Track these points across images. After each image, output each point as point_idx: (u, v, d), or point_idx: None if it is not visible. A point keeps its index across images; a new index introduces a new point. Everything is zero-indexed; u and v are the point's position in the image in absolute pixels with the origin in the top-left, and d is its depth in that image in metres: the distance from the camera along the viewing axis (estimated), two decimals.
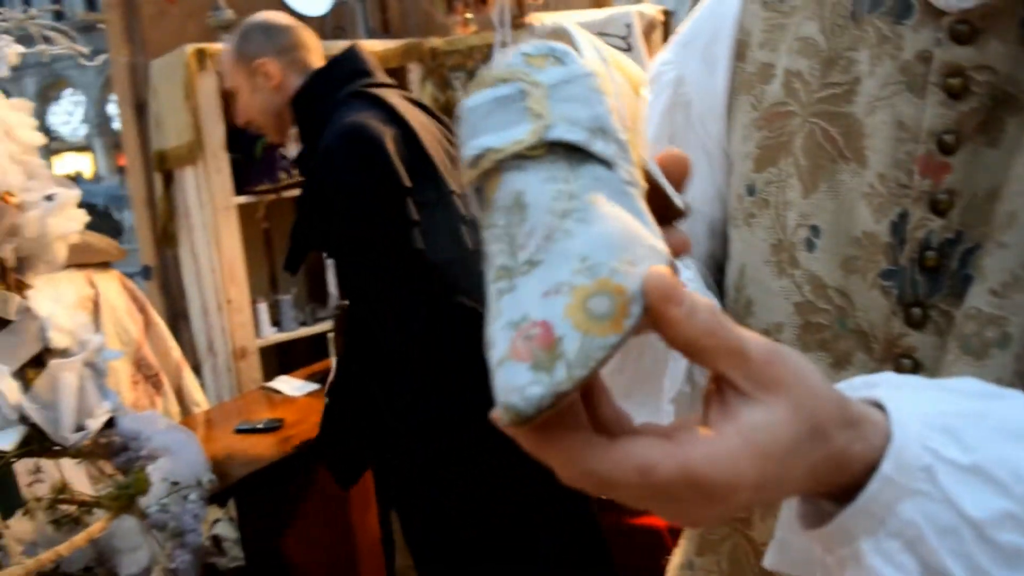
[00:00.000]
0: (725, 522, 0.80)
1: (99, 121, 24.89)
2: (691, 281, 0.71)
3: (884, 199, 0.64)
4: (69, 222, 1.31)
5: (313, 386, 2.77)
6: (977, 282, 0.60)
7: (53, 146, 23.88)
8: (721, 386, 0.41)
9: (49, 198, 1.28)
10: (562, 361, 0.36)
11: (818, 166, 0.68)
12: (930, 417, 0.43)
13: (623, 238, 0.40)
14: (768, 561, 0.53)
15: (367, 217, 1.76)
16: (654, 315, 0.38)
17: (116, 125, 23.36)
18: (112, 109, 23.99)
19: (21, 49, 1.29)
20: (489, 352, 0.39)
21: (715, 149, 0.79)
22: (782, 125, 0.71)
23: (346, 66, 1.97)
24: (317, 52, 2.08)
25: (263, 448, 2.23)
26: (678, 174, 0.52)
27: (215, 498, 1.84)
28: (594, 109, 0.44)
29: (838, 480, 0.43)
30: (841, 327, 0.67)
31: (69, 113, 26.05)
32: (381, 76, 1.99)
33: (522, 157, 0.43)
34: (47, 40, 1.35)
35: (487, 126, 0.44)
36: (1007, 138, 0.60)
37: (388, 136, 1.78)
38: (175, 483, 1.64)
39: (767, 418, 0.40)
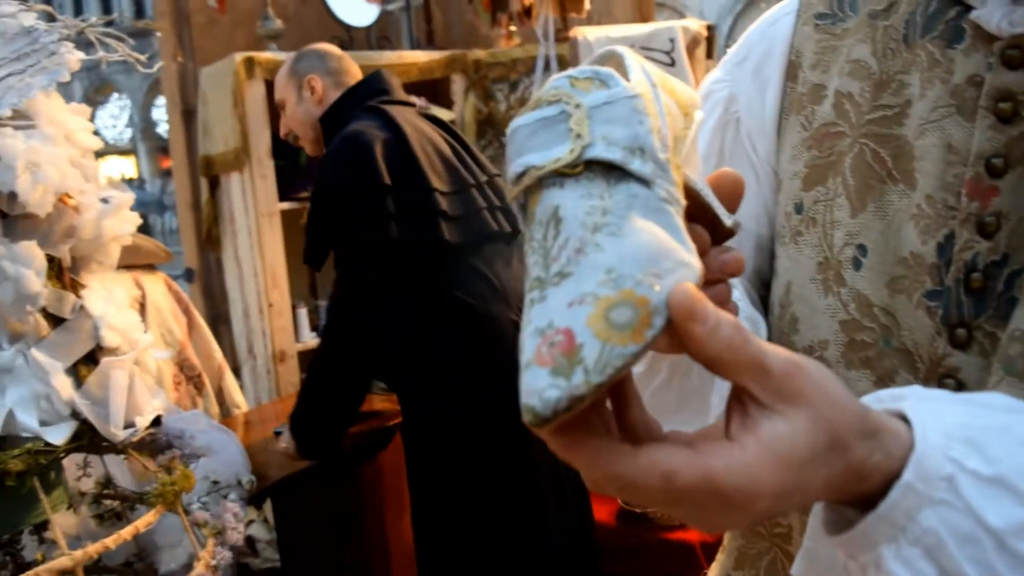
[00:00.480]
0: (749, 529, 0.81)
1: (144, 125, 25.25)
2: (738, 300, 0.72)
3: (931, 220, 0.64)
4: (123, 224, 1.34)
5: None
6: (1022, 304, 0.60)
7: (98, 149, 24.20)
8: (743, 398, 0.42)
9: (105, 200, 1.31)
10: (580, 367, 0.38)
11: (867, 186, 0.69)
12: (953, 428, 0.44)
13: (652, 252, 0.41)
14: (796, 569, 0.54)
15: (350, 210, 1.89)
16: (678, 330, 0.40)
17: (160, 129, 23.68)
18: (157, 114, 24.34)
19: (82, 55, 1.32)
20: (519, 357, 0.40)
21: (763, 167, 0.79)
22: (832, 145, 0.72)
23: (371, 87, 2.16)
24: (357, 79, 2.26)
25: None
26: (731, 193, 0.53)
27: (251, 499, 1.86)
28: (634, 129, 0.45)
29: (857, 489, 0.43)
30: (886, 346, 0.67)
31: (114, 117, 26.43)
32: (399, 95, 2.16)
33: (562, 174, 0.44)
34: (103, 45, 1.37)
35: (531, 145, 0.46)
36: None
37: (379, 140, 1.92)
38: (215, 482, 1.67)
39: (786, 429, 0.41)
